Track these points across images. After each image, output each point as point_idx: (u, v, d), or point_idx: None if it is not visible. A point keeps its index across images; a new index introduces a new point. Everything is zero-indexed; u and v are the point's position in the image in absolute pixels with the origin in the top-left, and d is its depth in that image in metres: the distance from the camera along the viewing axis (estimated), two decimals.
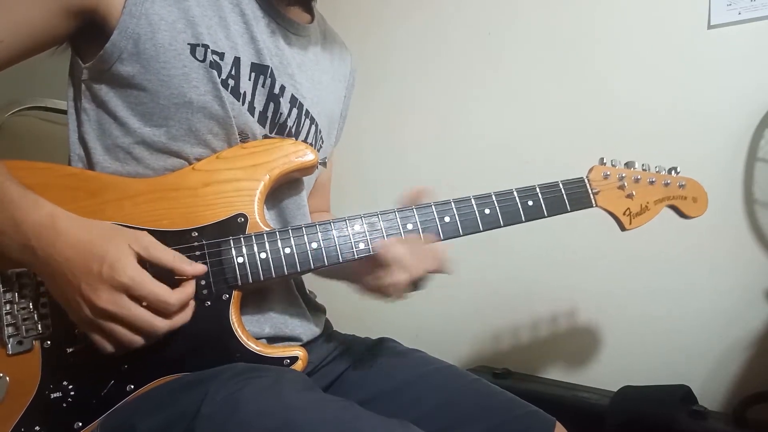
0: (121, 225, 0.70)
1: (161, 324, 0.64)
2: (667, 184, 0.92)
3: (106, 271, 0.62)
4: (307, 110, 0.85)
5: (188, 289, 0.67)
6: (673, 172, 0.93)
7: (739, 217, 1.38)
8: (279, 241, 0.74)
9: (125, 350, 0.65)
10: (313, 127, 0.87)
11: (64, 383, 0.67)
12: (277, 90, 0.81)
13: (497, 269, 1.68)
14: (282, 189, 0.83)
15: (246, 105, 0.78)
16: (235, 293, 0.72)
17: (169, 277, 0.66)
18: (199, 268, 0.69)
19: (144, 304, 0.64)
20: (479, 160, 1.71)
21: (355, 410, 0.63)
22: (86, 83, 0.76)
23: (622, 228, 0.90)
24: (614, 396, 1.29)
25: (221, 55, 0.75)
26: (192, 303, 0.68)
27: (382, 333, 0.98)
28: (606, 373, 1.50)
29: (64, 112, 0.80)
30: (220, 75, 0.75)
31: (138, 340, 0.64)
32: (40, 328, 0.68)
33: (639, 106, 1.49)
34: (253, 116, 0.79)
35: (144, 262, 0.65)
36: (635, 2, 1.50)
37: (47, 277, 0.65)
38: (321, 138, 0.90)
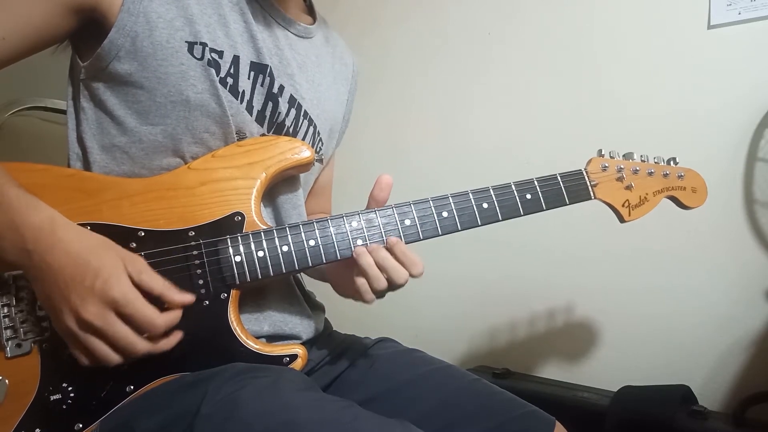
0: (117, 226, 0.70)
1: (142, 347, 0.64)
2: (666, 175, 0.91)
3: (99, 284, 0.61)
4: (305, 111, 0.85)
5: (176, 314, 0.67)
6: (671, 162, 0.93)
7: (739, 217, 1.38)
8: (276, 239, 0.73)
9: (101, 366, 0.64)
10: (311, 128, 0.87)
11: (64, 385, 0.67)
12: (276, 89, 0.81)
13: (497, 269, 1.68)
14: (278, 188, 0.83)
15: (244, 104, 0.78)
16: (233, 292, 0.72)
17: (157, 304, 0.66)
18: (187, 297, 0.68)
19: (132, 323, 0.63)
20: (479, 160, 1.71)
21: (355, 410, 0.63)
22: (84, 82, 0.76)
23: (621, 220, 0.90)
24: (614, 396, 1.28)
25: (220, 54, 0.75)
26: (178, 333, 0.68)
27: (382, 333, 0.98)
28: (606, 373, 1.50)
29: (64, 111, 0.80)
30: (218, 73, 0.75)
31: (115, 358, 0.63)
32: (38, 331, 0.68)
33: (639, 106, 1.49)
34: (251, 115, 0.79)
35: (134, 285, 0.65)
36: (635, 2, 1.50)
37: (38, 281, 0.64)
38: (320, 140, 0.90)
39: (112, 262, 0.63)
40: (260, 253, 0.73)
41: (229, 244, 0.72)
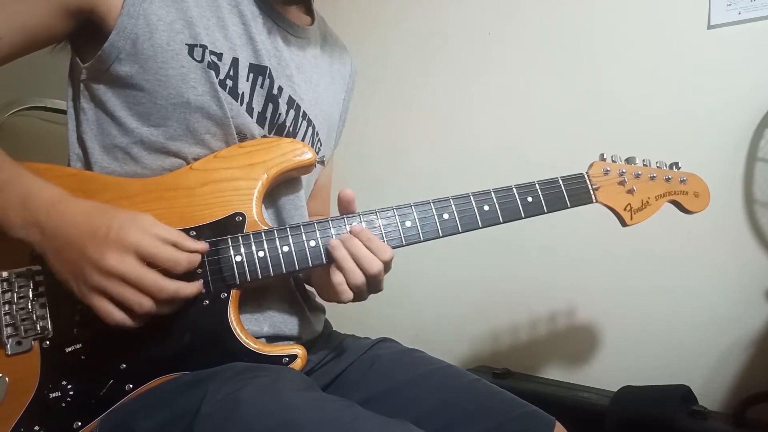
0: None
1: (170, 285, 0.64)
2: (668, 179, 0.92)
3: (113, 234, 0.63)
4: (304, 112, 0.85)
5: (196, 256, 0.68)
6: (674, 167, 0.93)
7: (739, 217, 1.38)
8: (277, 239, 0.74)
9: (133, 316, 0.64)
10: (310, 128, 0.87)
11: (63, 383, 0.67)
12: (275, 91, 0.81)
13: (497, 269, 1.68)
14: (280, 189, 0.83)
15: (244, 105, 0.78)
16: (233, 292, 0.72)
17: None
18: (201, 245, 0.69)
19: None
20: (479, 160, 1.71)
21: (355, 410, 0.63)
22: (85, 83, 0.76)
23: (623, 224, 0.90)
24: (614, 396, 1.29)
25: (219, 56, 0.75)
26: (198, 282, 0.69)
27: (382, 333, 0.98)
28: (606, 373, 1.50)
29: (64, 112, 0.81)
30: (218, 75, 0.75)
31: (146, 302, 0.64)
32: (38, 328, 0.68)
33: (639, 107, 1.49)
34: (252, 117, 0.79)
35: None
36: (635, 2, 1.50)
37: (52, 251, 0.64)
38: (319, 140, 0.90)
39: (121, 214, 0.65)
40: (261, 254, 0.73)
41: (230, 244, 0.72)
